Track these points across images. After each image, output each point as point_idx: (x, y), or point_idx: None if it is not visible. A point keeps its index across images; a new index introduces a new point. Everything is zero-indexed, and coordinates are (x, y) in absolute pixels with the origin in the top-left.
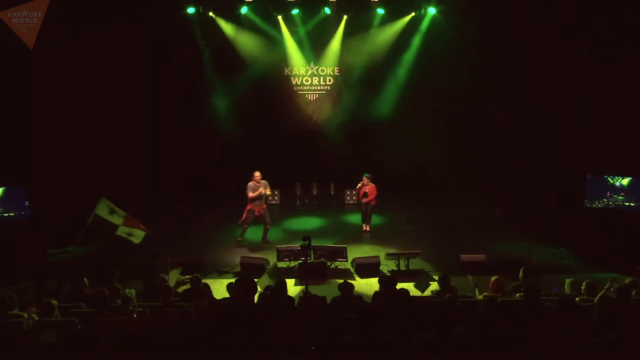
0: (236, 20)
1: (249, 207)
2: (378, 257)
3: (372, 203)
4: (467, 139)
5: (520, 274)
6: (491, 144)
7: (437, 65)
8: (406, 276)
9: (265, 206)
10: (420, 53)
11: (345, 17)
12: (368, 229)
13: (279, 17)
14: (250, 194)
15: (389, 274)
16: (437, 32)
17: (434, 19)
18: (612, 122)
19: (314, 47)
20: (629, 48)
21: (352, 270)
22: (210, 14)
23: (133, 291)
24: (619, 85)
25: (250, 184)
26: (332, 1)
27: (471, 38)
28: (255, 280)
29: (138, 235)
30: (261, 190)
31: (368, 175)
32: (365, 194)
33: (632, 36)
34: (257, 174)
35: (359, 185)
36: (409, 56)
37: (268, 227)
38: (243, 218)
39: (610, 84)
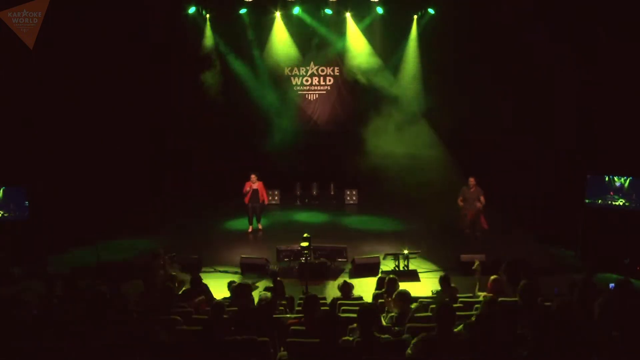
0: (236, 20)
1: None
2: (378, 257)
3: (265, 202)
4: (467, 138)
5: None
6: (490, 144)
7: (437, 65)
8: (406, 276)
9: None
10: (420, 53)
11: (345, 16)
12: (260, 227)
13: (279, 17)
14: (460, 201)
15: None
16: (437, 32)
17: (433, 19)
18: (612, 122)
19: (314, 47)
20: (630, 47)
21: (349, 271)
22: (210, 14)
23: (130, 291)
24: (620, 85)
25: (464, 188)
26: (333, 1)
27: (470, 37)
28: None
29: None
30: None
31: (255, 173)
32: (256, 192)
33: (632, 34)
34: (472, 179)
35: (248, 185)
36: (408, 55)
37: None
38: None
39: (611, 83)
